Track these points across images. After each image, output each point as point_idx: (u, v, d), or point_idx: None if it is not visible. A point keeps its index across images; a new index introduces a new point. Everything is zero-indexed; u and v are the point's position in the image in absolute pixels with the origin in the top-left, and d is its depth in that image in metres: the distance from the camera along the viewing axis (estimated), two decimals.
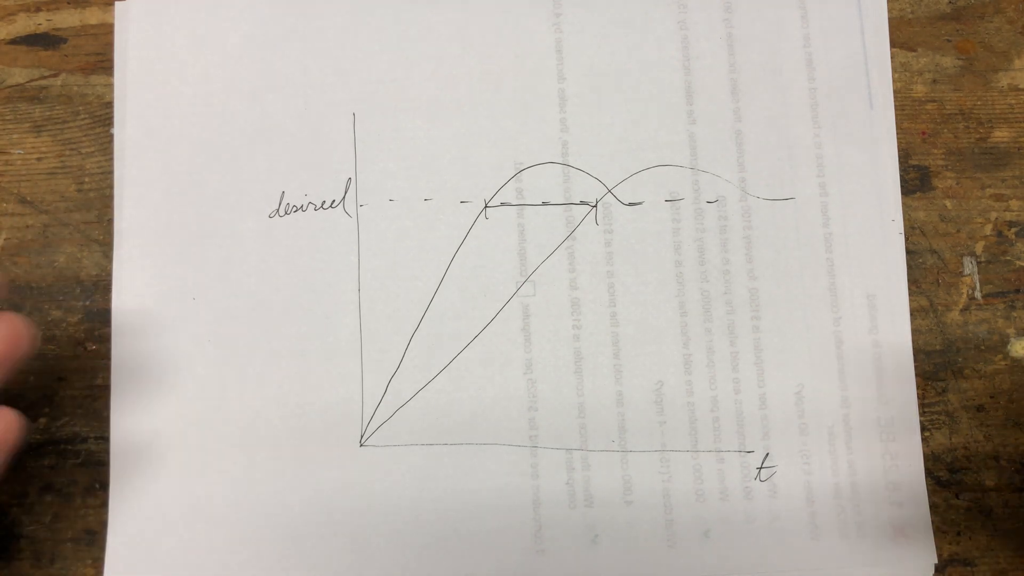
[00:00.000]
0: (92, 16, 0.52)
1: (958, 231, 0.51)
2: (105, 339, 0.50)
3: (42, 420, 0.49)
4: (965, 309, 0.51)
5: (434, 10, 0.52)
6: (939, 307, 0.51)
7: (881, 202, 0.51)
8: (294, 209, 0.50)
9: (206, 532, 0.48)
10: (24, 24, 0.52)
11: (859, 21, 0.52)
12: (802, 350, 0.50)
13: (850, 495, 0.49)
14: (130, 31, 0.52)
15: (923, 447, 0.49)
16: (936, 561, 0.48)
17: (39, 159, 0.51)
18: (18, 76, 0.52)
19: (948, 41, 0.53)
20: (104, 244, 0.50)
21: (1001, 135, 0.52)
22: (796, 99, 0.51)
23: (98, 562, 0.49)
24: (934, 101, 0.52)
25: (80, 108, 0.52)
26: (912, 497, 0.49)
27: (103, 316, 0.50)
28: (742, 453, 0.49)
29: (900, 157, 0.51)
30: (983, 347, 0.50)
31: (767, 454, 0.49)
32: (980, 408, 0.50)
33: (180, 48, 0.52)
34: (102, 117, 0.51)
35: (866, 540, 0.48)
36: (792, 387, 0.49)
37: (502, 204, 0.51)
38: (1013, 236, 0.51)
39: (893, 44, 0.52)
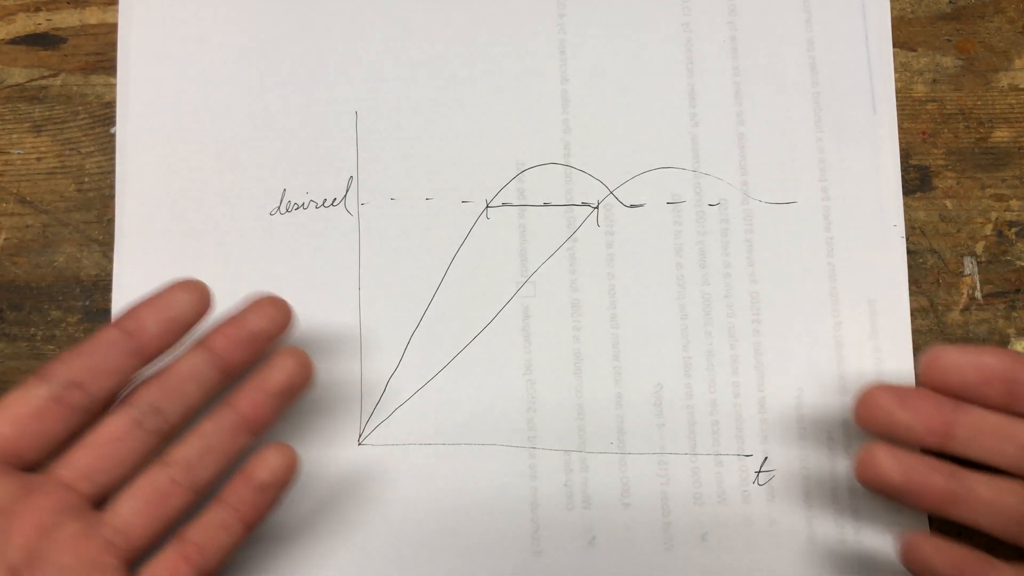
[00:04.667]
0: (92, 16, 0.52)
1: (958, 231, 0.51)
2: None
3: None
4: (965, 309, 0.51)
5: (437, 9, 0.52)
6: (939, 307, 0.51)
7: (883, 207, 0.51)
8: (295, 207, 0.50)
9: None
10: (24, 24, 0.52)
11: (863, 25, 0.52)
12: (802, 354, 0.50)
13: (848, 500, 0.49)
14: (133, 28, 0.51)
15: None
16: None
17: (39, 159, 0.51)
18: (18, 76, 0.52)
19: (948, 41, 0.52)
20: (104, 244, 0.50)
21: (1001, 135, 0.52)
22: (799, 102, 0.51)
23: None
24: (934, 101, 0.52)
25: (80, 108, 0.51)
26: None
27: (103, 316, 0.50)
28: (741, 457, 0.49)
29: (900, 157, 0.51)
30: None
31: (765, 458, 0.49)
32: None
33: (183, 45, 0.51)
34: (102, 117, 0.51)
35: (863, 545, 0.48)
36: (792, 391, 0.49)
37: (503, 204, 0.51)
38: (1013, 236, 0.51)
39: (893, 44, 0.52)
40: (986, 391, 0.43)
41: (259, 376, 0.43)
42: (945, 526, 0.49)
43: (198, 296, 0.42)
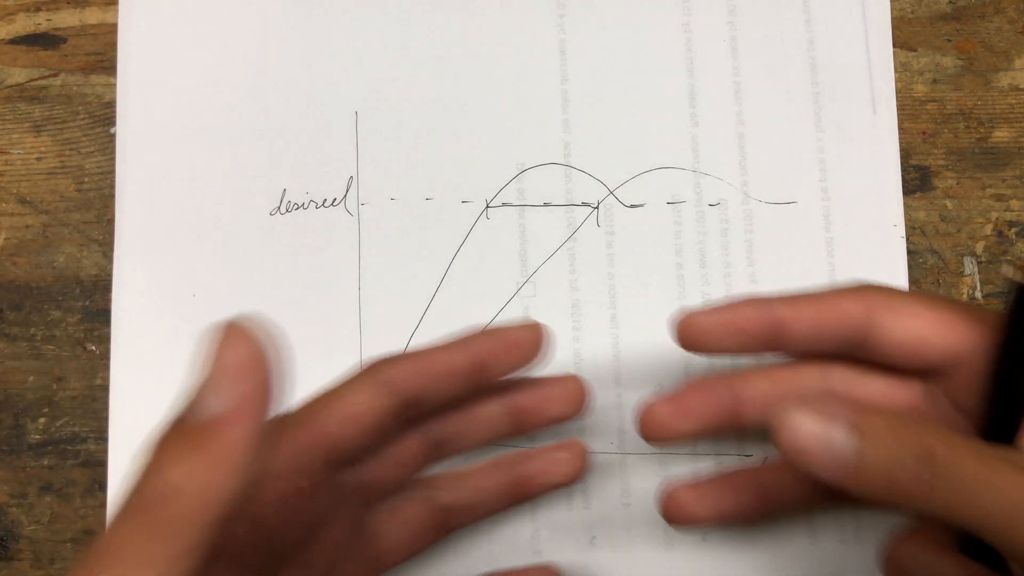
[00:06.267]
0: (92, 16, 0.52)
1: (958, 231, 0.51)
2: (105, 339, 0.50)
3: (42, 420, 0.49)
4: None
5: (437, 9, 0.52)
6: None
7: (883, 207, 0.50)
8: (295, 207, 0.50)
9: None
10: (24, 24, 0.52)
11: (863, 25, 0.52)
12: None
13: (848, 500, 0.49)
14: (133, 28, 0.51)
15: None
16: None
17: (39, 159, 0.51)
18: (18, 76, 0.52)
19: (948, 41, 0.52)
20: (104, 244, 0.50)
21: (1001, 135, 0.52)
22: (799, 102, 0.51)
23: None
24: (934, 101, 0.52)
25: (80, 108, 0.51)
26: None
27: (103, 316, 0.50)
28: (740, 457, 0.49)
29: (900, 157, 0.51)
30: None
31: (765, 458, 0.49)
32: None
33: (183, 45, 0.51)
34: (102, 117, 0.51)
35: (864, 545, 0.48)
36: None
37: (503, 204, 0.51)
38: (1013, 236, 0.51)
39: (893, 44, 0.52)
40: (745, 345, 0.41)
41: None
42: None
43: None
